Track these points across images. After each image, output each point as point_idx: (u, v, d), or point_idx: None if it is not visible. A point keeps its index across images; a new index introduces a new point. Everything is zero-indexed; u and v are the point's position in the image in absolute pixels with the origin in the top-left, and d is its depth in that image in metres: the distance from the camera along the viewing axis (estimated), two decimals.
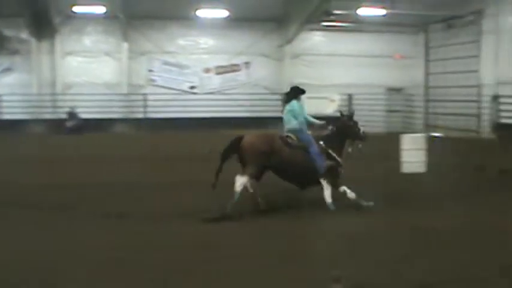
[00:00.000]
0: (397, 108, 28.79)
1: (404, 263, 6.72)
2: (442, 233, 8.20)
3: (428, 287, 6.03)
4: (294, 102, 10.02)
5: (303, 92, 10.17)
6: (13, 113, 26.84)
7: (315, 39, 30.03)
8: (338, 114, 10.46)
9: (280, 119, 10.26)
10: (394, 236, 8.12)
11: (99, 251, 7.22)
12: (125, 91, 28.34)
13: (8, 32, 27.69)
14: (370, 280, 6.14)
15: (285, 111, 10.00)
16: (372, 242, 7.76)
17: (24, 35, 27.77)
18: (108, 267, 6.61)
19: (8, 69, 28.25)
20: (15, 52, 28.09)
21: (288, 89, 10.40)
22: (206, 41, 29.41)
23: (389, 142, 16.19)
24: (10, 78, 28.13)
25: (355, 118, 10.44)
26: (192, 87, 29.39)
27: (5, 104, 27.20)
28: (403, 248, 7.45)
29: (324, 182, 9.73)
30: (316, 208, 9.56)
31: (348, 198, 9.72)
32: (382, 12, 26.43)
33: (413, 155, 14.37)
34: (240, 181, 9.25)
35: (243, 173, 9.34)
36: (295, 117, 9.86)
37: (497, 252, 7.27)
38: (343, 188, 9.74)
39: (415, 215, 9.39)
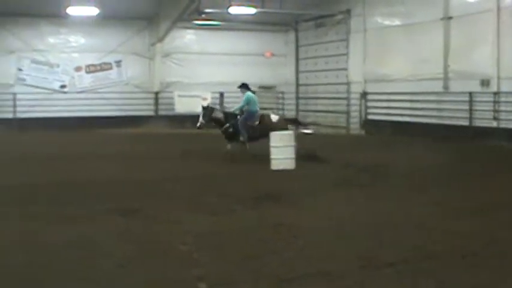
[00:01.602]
0: (269, 106, 32.84)
1: (264, 259, 7.73)
2: (303, 229, 9.50)
3: (290, 282, 6.86)
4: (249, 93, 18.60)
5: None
6: None
7: (187, 38, 35.19)
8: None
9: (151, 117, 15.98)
10: (256, 232, 9.28)
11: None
12: None
13: None
14: (231, 277, 7.05)
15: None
16: (233, 239, 8.87)
17: None
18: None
19: None
20: None
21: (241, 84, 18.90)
22: (77, 39, 33.76)
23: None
24: None
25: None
26: (62, 86, 33.49)
27: None
28: (266, 244, 8.51)
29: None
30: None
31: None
32: (252, 11, 30.97)
33: (282, 152, 16.51)
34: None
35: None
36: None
37: (357, 245, 8.52)
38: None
39: (280, 212, 10.88)
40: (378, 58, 29.63)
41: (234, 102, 22.90)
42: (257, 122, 18.45)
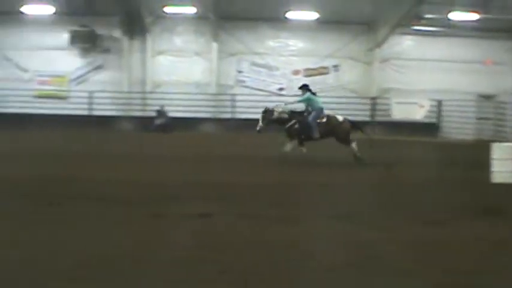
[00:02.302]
0: (488, 115, 33.52)
1: (485, 276, 7.63)
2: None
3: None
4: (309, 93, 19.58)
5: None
6: (103, 109, 34.90)
7: (405, 44, 36.74)
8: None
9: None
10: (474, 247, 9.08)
11: (180, 250, 8.51)
12: (213, 91, 35.86)
13: (101, 31, 36.11)
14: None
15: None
16: (451, 251, 8.76)
17: (117, 33, 36.27)
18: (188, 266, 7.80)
19: (100, 67, 36.56)
20: (107, 50, 36.57)
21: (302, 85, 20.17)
22: (295, 43, 36.71)
23: (479, 150, 18.24)
24: (102, 76, 36.69)
25: None
26: (280, 89, 36.50)
27: (96, 100, 35.25)
28: (487, 261, 8.33)
29: None
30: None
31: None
32: (475, 17, 32.09)
33: (504, 165, 15.88)
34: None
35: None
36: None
37: None
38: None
39: (500, 227, 10.44)
40: None
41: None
42: (324, 120, 19.39)
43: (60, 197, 12.01)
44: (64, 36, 35.57)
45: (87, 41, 35.72)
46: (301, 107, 19.83)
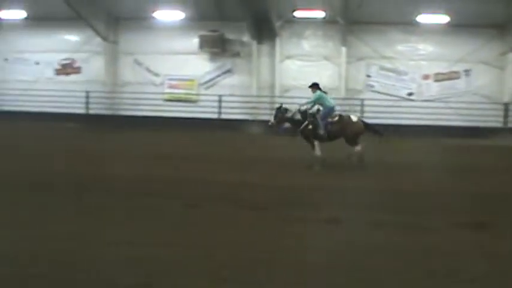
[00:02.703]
0: None
1: None
2: None
3: None
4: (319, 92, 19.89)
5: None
6: (232, 113, 36.75)
7: None
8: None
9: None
10: None
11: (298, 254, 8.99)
12: (342, 95, 36.72)
13: (230, 35, 38.03)
14: None
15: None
16: None
17: (246, 38, 38.04)
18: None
19: (229, 71, 38.57)
20: (236, 54, 38.48)
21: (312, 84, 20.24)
22: (425, 47, 37.27)
23: None
24: (231, 80, 38.74)
25: None
26: (409, 94, 37.37)
27: (224, 104, 37.11)
28: None
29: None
30: None
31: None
32: None
33: None
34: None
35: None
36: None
37: None
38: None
39: None
40: None
41: None
42: (336, 118, 19.55)
43: (196, 199, 12.84)
44: (194, 41, 37.79)
45: (216, 46, 37.63)
46: (314, 108, 19.96)
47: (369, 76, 37.60)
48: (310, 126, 19.52)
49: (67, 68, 40.21)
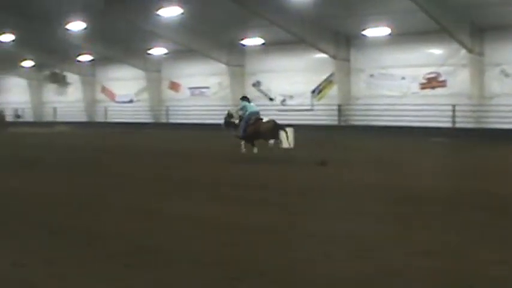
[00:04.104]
0: None
1: None
2: None
3: None
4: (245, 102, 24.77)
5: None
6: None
7: None
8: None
9: None
10: None
11: None
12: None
13: None
14: None
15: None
16: None
17: None
18: None
19: None
20: None
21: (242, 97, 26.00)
22: None
23: None
24: None
25: None
26: None
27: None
28: None
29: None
30: None
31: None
32: None
33: None
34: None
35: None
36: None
37: None
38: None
39: None
40: None
41: None
42: (251, 121, 23.61)
43: None
44: None
45: None
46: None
47: None
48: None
49: (432, 82, 40.35)
